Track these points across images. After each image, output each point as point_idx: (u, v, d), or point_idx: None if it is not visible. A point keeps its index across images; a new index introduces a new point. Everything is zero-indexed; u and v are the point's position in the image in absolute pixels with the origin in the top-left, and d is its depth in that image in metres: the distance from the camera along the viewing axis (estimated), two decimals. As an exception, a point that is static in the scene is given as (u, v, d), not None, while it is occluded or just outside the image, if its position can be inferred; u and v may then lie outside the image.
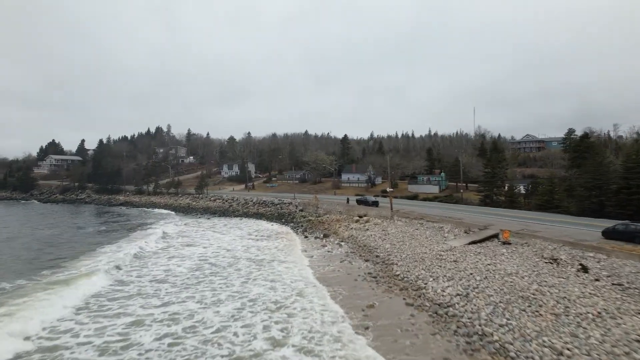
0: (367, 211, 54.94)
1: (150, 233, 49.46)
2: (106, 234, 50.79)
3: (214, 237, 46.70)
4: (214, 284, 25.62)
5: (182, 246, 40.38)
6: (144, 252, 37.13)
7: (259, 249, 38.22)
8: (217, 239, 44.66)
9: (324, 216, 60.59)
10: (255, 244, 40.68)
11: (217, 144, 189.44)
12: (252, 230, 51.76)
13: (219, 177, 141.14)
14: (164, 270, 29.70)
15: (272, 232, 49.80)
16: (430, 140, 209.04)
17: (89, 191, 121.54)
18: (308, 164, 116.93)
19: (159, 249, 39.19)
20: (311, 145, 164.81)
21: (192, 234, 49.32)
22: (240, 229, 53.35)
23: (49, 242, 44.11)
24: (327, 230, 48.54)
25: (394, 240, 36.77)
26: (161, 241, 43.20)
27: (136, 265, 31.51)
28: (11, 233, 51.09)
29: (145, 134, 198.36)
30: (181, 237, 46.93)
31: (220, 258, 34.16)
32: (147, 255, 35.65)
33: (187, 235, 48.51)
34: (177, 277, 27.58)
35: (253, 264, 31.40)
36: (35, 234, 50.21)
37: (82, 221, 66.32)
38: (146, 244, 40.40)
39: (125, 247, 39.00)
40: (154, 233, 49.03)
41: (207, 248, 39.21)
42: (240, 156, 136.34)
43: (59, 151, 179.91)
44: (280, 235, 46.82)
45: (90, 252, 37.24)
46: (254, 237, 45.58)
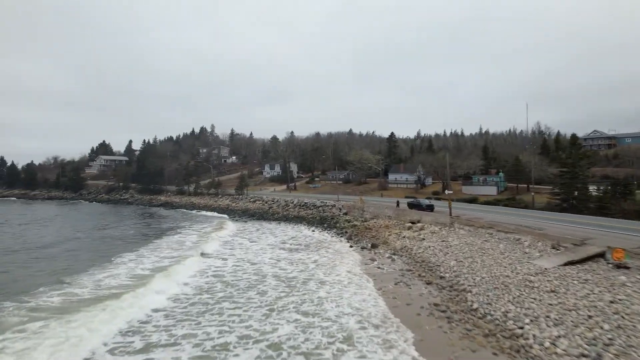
0: (421, 216, 48.01)
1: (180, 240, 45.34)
2: (128, 243, 44.05)
3: (241, 245, 41.64)
4: (223, 316, 19.90)
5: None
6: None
7: (292, 262, 32.56)
8: (244, 248, 39.62)
9: (370, 221, 54.24)
10: (290, 256, 35.02)
11: (259, 143, 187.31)
12: (287, 238, 46.29)
13: (260, 177, 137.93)
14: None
15: (311, 240, 44.03)
16: (481, 139, 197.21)
17: (132, 191, 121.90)
18: (352, 163, 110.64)
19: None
20: (355, 144, 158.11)
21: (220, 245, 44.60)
22: (274, 236, 48.08)
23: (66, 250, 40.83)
24: (375, 239, 42.21)
25: (459, 254, 29.92)
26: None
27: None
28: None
29: (189, 135, 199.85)
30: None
31: (240, 274, 28.78)
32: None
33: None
34: (178, 303, 22.22)
35: (282, 284, 25.74)
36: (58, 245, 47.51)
37: (113, 225, 63.66)
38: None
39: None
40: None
41: (226, 260, 33.96)
42: (282, 156, 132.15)
43: (108, 152, 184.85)
44: (321, 245, 40.95)
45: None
46: (289, 247, 39.99)
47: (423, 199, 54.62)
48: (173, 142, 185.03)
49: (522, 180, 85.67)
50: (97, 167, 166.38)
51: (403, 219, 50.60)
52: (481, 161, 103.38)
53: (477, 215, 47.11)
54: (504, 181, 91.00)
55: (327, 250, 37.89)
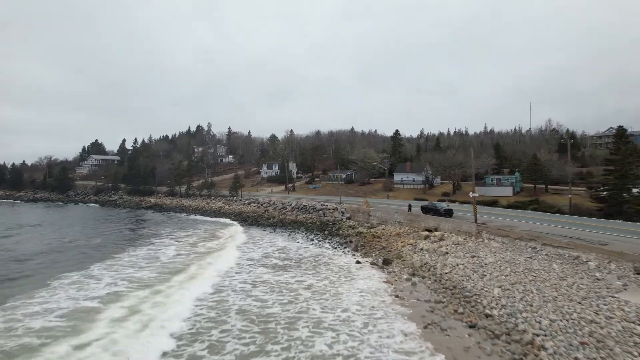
0: (438, 223, 40.79)
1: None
2: (84, 257, 35.03)
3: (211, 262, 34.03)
4: None
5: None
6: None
7: (275, 287, 25.05)
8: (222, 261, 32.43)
9: (378, 227, 47.10)
10: (274, 278, 27.50)
11: (258, 142, 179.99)
12: (277, 248, 39.08)
13: (257, 177, 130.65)
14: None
15: (305, 253, 36.69)
16: (487, 137, 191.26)
17: (121, 192, 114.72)
18: (355, 162, 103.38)
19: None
20: (358, 143, 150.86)
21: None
22: (257, 246, 40.78)
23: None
24: (386, 252, 35.03)
25: (501, 278, 22.77)
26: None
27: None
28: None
29: (185, 133, 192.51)
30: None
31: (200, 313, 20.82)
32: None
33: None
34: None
35: (252, 330, 18.05)
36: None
37: (84, 230, 56.28)
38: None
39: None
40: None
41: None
42: (281, 155, 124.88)
43: (101, 151, 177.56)
44: (319, 259, 33.54)
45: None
46: (275, 263, 32.57)
47: (440, 202, 47.32)
48: (168, 141, 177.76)
49: (540, 181, 78.49)
50: (88, 167, 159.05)
51: (417, 225, 43.46)
52: (493, 160, 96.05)
53: (505, 221, 39.82)
54: (520, 181, 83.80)
55: (328, 267, 30.60)
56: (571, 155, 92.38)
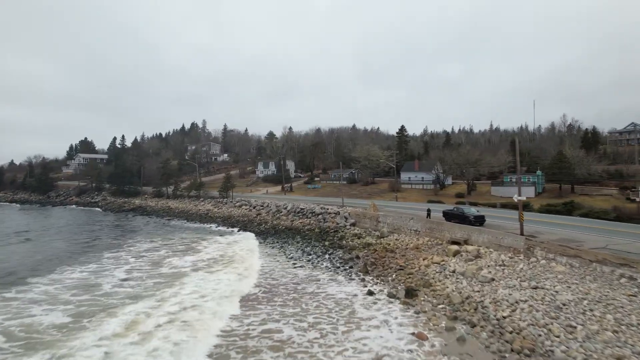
0: (469, 234, 32.04)
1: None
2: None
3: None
4: None
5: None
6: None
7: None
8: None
9: (390, 237, 38.46)
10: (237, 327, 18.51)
11: (255, 140, 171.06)
12: (258, 271, 30.34)
13: (253, 177, 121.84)
14: None
15: (292, 279, 27.78)
16: (492, 135, 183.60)
17: (105, 193, 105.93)
18: (358, 160, 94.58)
19: None
20: (360, 140, 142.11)
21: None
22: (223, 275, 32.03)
23: None
24: (406, 274, 26.34)
25: (605, 334, 14.11)
26: None
27: None
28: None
29: (179, 131, 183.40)
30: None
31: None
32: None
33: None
34: None
35: None
36: None
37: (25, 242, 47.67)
38: None
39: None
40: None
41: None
42: (278, 153, 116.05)
43: (90, 150, 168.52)
44: (312, 289, 24.73)
45: None
46: (252, 294, 23.93)
47: (469, 207, 38.47)
48: (160, 139, 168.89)
49: (565, 180, 69.74)
50: (74, 167, 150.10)
51: (439, 235, 34.78)
52: (511, 157, 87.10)
53: (555, 232, 31.09)
54: (543, 181, 75.11)
55: (323, 301, 21.82)
56: (594, 152, 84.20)
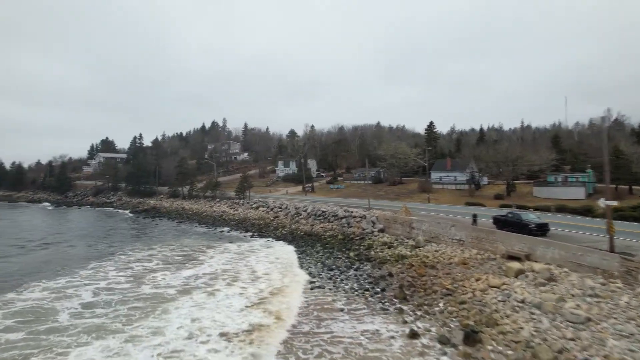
0: (530, 246, 25.36)
1: None
2: None
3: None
4: None
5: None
6: None
7: None
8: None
9: (427, 247, 32.06)
10: None
11: (276, 139, 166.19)
12: (264, 297, 24.38)
13: (273, 176, 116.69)
14: None
15: (305, 311, 21.81)
16: (524, 133, 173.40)
17: (121, 193, 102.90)
18: (384, 158, 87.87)
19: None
20: (385, 138, 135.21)
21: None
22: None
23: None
24: (458, 303, 19.98)
25: None
26: None
27: None
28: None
29: (199, 130, 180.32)
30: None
31: None
32: None
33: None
34: None
35: None
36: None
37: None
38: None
39: None
40: None
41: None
42: (299, 151, 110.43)
43: (111, 149, 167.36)
44: (337, 338, 18.68)
45: None
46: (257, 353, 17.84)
47: (526, 213, 31.48)
48: (180, 139, 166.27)
49: (622, 180, 61.45)
50: (94, 166, 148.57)
51: (490, 247, 28.23)
52: (554, 155, 78.78)
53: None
54: (594, 181, 66.83)
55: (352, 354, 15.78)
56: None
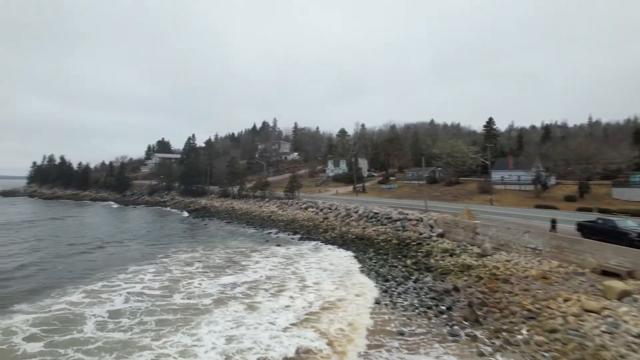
0: (634, 260, 20.79)
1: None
2: None
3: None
4: None
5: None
6: None
7: None
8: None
9: (494, 256, 28.00)
10: None
11: (326, 138, 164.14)
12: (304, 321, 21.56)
13: (322, 176, 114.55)
14: None
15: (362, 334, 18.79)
16: (593, 129, 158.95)
17: (174, 192, 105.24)
18: (440, 157, 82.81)
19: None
20: (439, 136, 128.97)
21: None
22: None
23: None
24: (546, 332, 16.13)
25: None
26: None
27: None
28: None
29: (250, 130, 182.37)
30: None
31: None
32: None
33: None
34: None
35: None
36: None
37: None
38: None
39: None
40: None
41: None
42: (349, 150, 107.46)
43: (166, 149, 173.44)
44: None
45: None
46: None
47: (623, 220, 26.53)
48: (232, 139, 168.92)
49: None
50: (150, 166, 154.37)
51: (576, 259, 23.84)
52: (637, 152, 69.94)
53: None
54: (688, 181, 58.48)
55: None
56: None
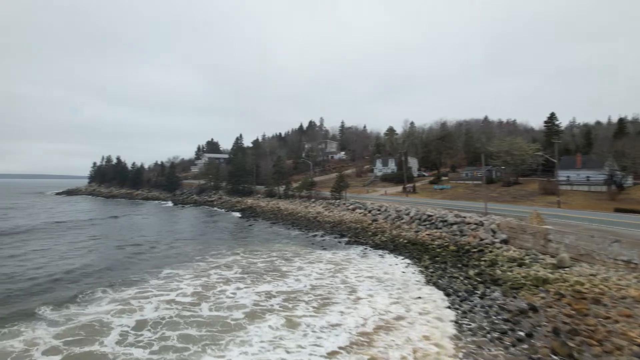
0: None
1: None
2: None
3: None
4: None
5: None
6: None
7: None
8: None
9: (573, 268, 24.04)
10: None
11: (373, 137, 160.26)
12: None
13: (370, 176, 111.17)
14: None
15: None
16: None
17: (221, 192, 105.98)
18: (498, 155, 77.18)
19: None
20: (494, 134, 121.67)
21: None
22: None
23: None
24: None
25: None
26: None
27: None
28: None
29: (297, 130, 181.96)
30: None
31: None
32: None
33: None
34: None
35: None
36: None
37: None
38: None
39: None
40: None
41: None
42: (398, 149, 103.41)
43: (215, 150, 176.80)
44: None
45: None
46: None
47: None
48: (278, 139, 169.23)
49: None
50: (199, 166, 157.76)
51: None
52: None
53: None
54: None
55: None
56: None
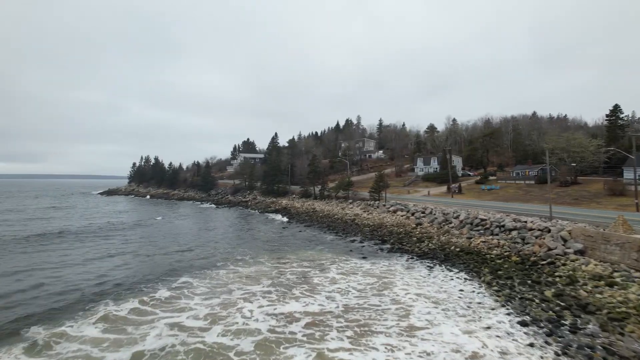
0: None
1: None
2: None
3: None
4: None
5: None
6: None
7: None
8: None
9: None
10: None
11: (413, 135, 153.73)
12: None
13: (411, 175, 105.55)
14: None
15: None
16: None
17: (255, 192, 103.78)
18: (554, 152, 69.93)
19: None
20: (545, 130, 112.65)
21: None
22: None
23: None
24: None
25: None
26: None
27: None
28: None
29: (334, 129, 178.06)
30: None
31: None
32: None
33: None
34: None
35: None
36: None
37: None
38: None
39: None
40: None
41: None
42: (441, 147, 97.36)
43: (251, 149, 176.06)
44: None
45: None
46: None
47: None
48: (315, 138, 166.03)
49: None
50: (235, 166, 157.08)
51: None
52: None
53: None
54: None
55: None
56: None
